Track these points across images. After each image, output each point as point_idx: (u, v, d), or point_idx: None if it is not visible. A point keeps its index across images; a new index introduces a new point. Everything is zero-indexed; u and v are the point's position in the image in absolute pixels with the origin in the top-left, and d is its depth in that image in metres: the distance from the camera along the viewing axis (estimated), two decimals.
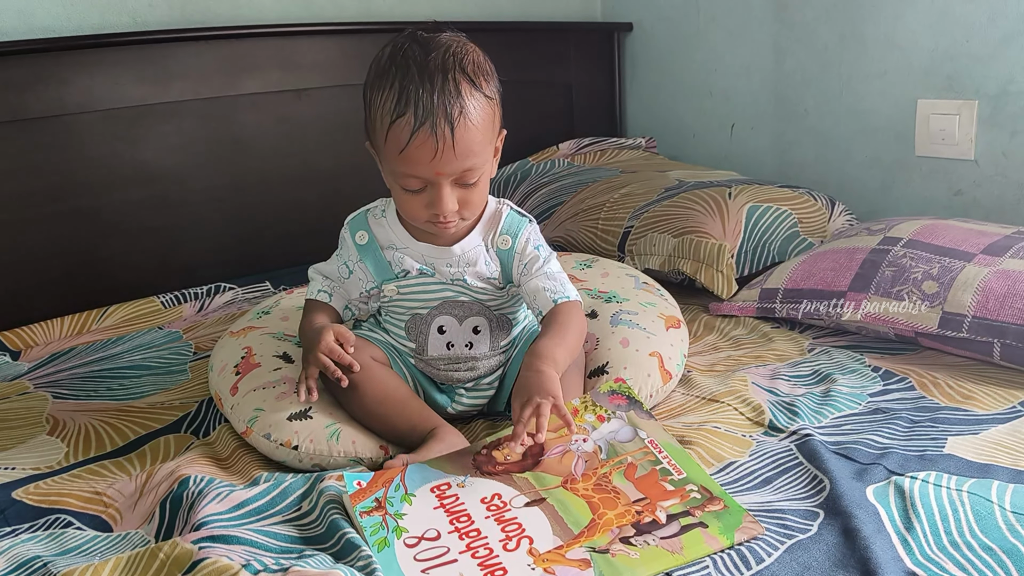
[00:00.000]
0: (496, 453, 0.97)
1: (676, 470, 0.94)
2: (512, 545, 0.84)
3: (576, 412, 1.02)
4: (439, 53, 1.01)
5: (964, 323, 1.26)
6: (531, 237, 1.14)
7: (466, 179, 1.03)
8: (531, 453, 0.97)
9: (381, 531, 0.87)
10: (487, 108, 1.04)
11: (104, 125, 1.73)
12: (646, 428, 1.01)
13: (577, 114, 2.46)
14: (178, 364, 1.46)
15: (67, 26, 1.71)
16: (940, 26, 1.80)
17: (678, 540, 0.85)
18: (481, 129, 1.02)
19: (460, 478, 0.94)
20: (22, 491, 1.07)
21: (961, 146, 1.81)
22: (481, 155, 1.03)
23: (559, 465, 0.96)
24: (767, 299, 1.49)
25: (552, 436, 0.98)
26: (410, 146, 0.98)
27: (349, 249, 1.17)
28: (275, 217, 1.96)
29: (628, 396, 1.06)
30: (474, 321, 1.15)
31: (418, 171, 1.01)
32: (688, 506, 0.89)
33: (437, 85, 0.98)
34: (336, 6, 2.06)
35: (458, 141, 0.99)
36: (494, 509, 0.90)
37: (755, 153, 2.25)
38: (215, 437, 1.19)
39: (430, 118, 0.98)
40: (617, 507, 0.89)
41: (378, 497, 0.92)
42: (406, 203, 1.06)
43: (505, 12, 2.34)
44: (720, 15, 2.25)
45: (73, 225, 1.72)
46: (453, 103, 0.99)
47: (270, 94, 1.92)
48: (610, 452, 0.97)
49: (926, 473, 0.95)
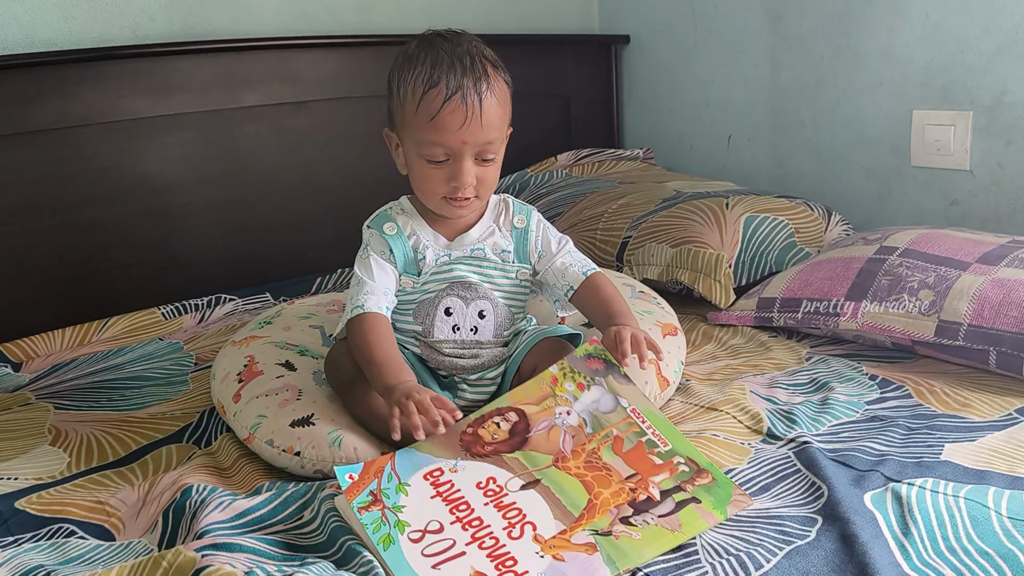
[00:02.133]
0: (482, 432, 0.98)
1: (661, 441, 0.97)
2: (516, 532, 0.86)
3: (555, 381, 1.04)
4: (464, 43, 1.13)
5: (960, 331, 1.27)
6: (541, 218, 1.25)
7: (486, 153, 1.12)
8: (517, 431, 0.98)
9: (383, 527, 0.87)
10: (506, 91, 1.14)
11: (105, 137, 1.74)
12: (626, 395, 1.03)
13: (575, 125, 2.47)
14: (179, 375, 1.47)
15: (69, 39, 1.72)
16: (935, 38, 1.82)
17: (675, 518, 0.88)
18: (502, 106, 1.13)
19: (451, 462, 0.95)
20: (25, 501, 1.07)
21: (956, 156, 1.83)
22: (500, 131, 1.13)
23: (547, 442, 0.97)
24: (765, 308, 1.50)
25: (536, 410, 1.01)
26: (441, 113, 1.07)
27: (379, 242, 1.18)
28: (275, 229, 1.97)
29: (604, 359, 1.07)
30: (480, 305, 1.19)
31: (445, 139, 1.09)
32: (678, 480, 0.92)
33: (467, 65, 1.09)
34: (335, 19, 2.07)
35: (485, 112, 1.08)
36: (491, 494, 0.91)
37: (752, 164, 2.26)
38: (217, 447, 1.20)
39: (461, 89, 1.07)
40: (611, 485, 0.91)
41: (372, 490, 0.91)
42: (426, 178, 1.13)
43: (504, 25, 2.35)
44: (716, 28, 2.27)
45: (74, 237, 1.72)
46: (481, 79, 1.09)
47: (270, 106, 1.93)
48: (595, 425, 0.99)
49: (923, 479, 0.96)
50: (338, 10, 2.08)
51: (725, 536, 0.88)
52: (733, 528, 0.90)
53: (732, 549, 0.86)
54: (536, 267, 1.23)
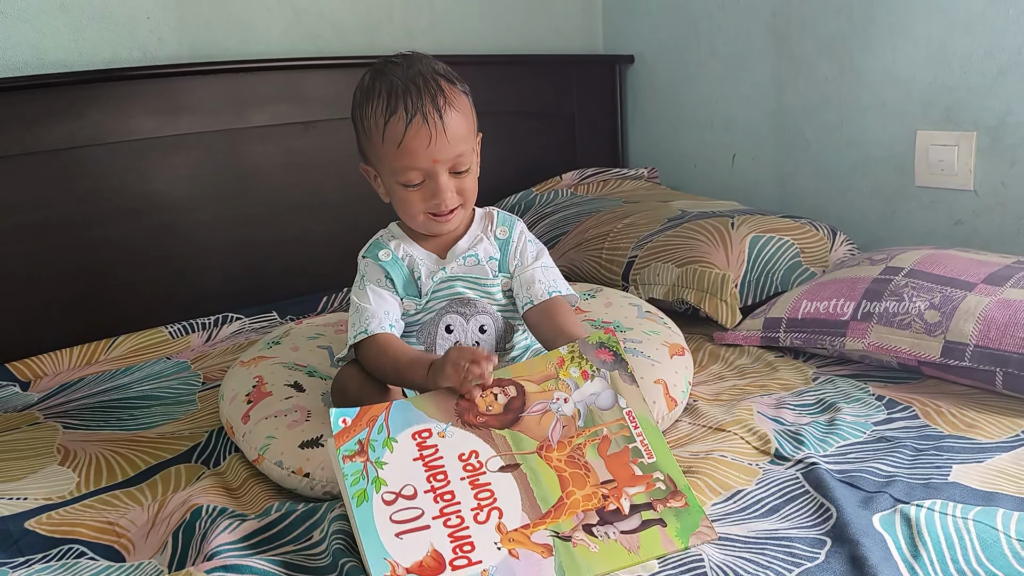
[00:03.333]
0: (479, 400, 0.98)
1: (647, 452, 0.97)
2: (483, 517, 0.88)
3: (562, 363, 1.03)
4: (415, 64, 1.14)
5: (966, 352, 1.27)
6: (524, 232, 1.24)
7: (459, 166, 1.13)
8: (512, 407, 0.98)
9: (361, 481, 0.89)
10: (465, 101, 1.15)
11: (114, 157, 1.75)
12: (627, 395, 1.01)
13: (579, 145, 2.48)
14: (187, 394, 1.47)
15: (78, 60, 1.74)
16: (938, 59, 1.83)
17: (636, 538, 0.89)
18: (464, 117, 1.14)
19: (442, 426, 0.96)
20: (35, 521, 1.08)
21: (960, 177, 1.84)
22: (468, 142, 1.14)
23: (537, 427, 0.97)
24: (771, 328, 1.51)
25: (536, 390, 1.00)
26: (406, 137, 1.09)
27: (374, 271, 1.19)
28: (282, 248, 1.97)
29: (615, 352, 1.05)
30: (480, 320, 1.20)
31: (417, 161, 1.10)
32: (652, 497, 0.92)
33: (421, 85, 1.10)
34: (342, 40, 2.09)
35: (447, 126, 1.10)
36: (470, 469, 0.92)
37: (756, 183, 2.27)
38: (226, 467, 1.20)
39: (420, 110, 1.09)
40: (585, 487, 0.92)
41: (361, 439, 0.92)
42: (407, 201, 1.15)
43: (508, 45, 2.37)
44: (720, 48, 2.28)
45: (82, 256, 1.73)
46: (437, 95, 1.10)
47: (277, 126, 1.94)
48: (588, 420, 0.99)
49: (931, 501, 0.96)
50: (345, 31, 2.10)
51: (734, 558, 0.88)
52: (742, 550, 0.90)
53: (741, 571, 0.86)
54: (512, 269, 1.23)
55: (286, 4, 2.00)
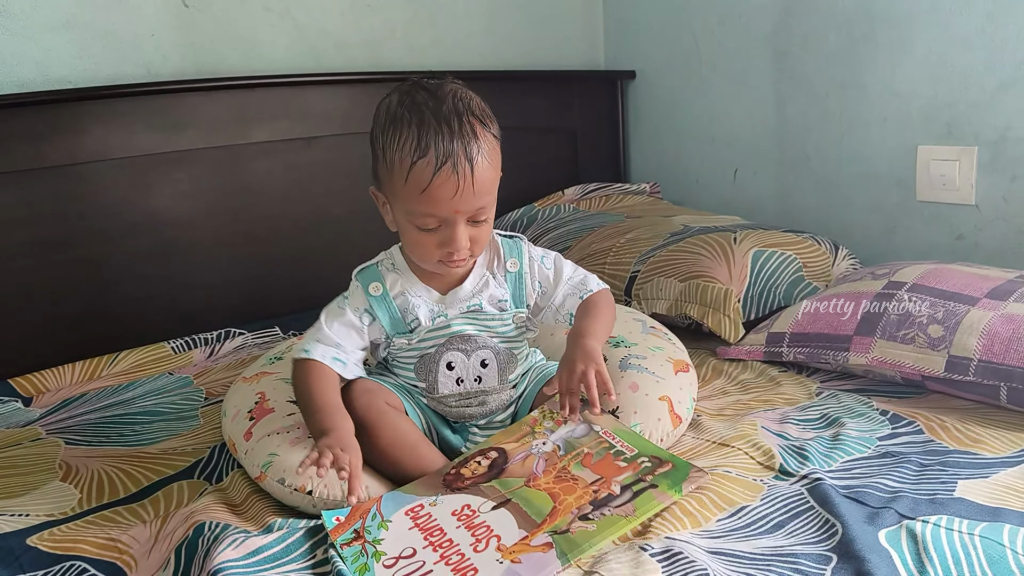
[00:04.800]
0: (464, 470, 1.01)
1: (628, 449, 1.00)
2: (482, 547, 0.89)
3: (535, 422, 1.07)
4: (450, 98, 1.07)
5: (970, 367, 1.27)
6: (532, 253, 1.21)
7: (479, 216, 1.09)
8: (496, 464, 1.01)
9: (361, 558, 0.91)
10: (496, 149, 1.10)
11: (117, 173, 1.76)
12: (600, 423, 1.06)
13: (581, 160, 2.49)
14: (189, 410, 1.47)
15: (83, 77, 1.75)
16: (938, 74, 1.84)
17: (631, 505, 0.91)
18: (493, 166, 1.09)
19: (431, 497, 0.98)
20: (36, 538, 1.07)
21: (962, 191, 1.84)
22: (492, 193, 1.10)
23: (521, 468, 1.00)
24: (774, 343, 1.51)
25: (514, 445, 1.04)
26: (432, 185, 1.03)
27: (359, 299, 1.18)
28: (284, 263, 1.98)
29: (580, 398, 1.09)
30: (481, 355, 1.18)
31: (438, 209, 1.05)
32: (641, 474, 0.96)
33: (455, 128, 1.04)
34: (345, 56, 2.10)
35: (477, 179, 1.04)
36: (464, 518, 0.94)
37: (758, 198, 2.28)
38: (228, 483, 1.20)
39: (451, 158, 1.03)
40: (576, 491, 0.95)
41: (356, 528, 0.95)
42: (419, 244, 1.10)
43: (510, 61, 2.38)
44: (721, 64, 2.29)
45: (85, 272, 1.74)
46: (471, 143, 1.04)
47: (280, 142, 1.95)
48: (567, 448, 1.02)
49: (937, 517, 0.95)
50: (347, 48, 2.11)
51: (740, 574, 0.88)
52: (748, 566, 0.89)
53: None
54: (539, 303, 1.22)
55: (289, 20, 2.01)
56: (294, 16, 2.01)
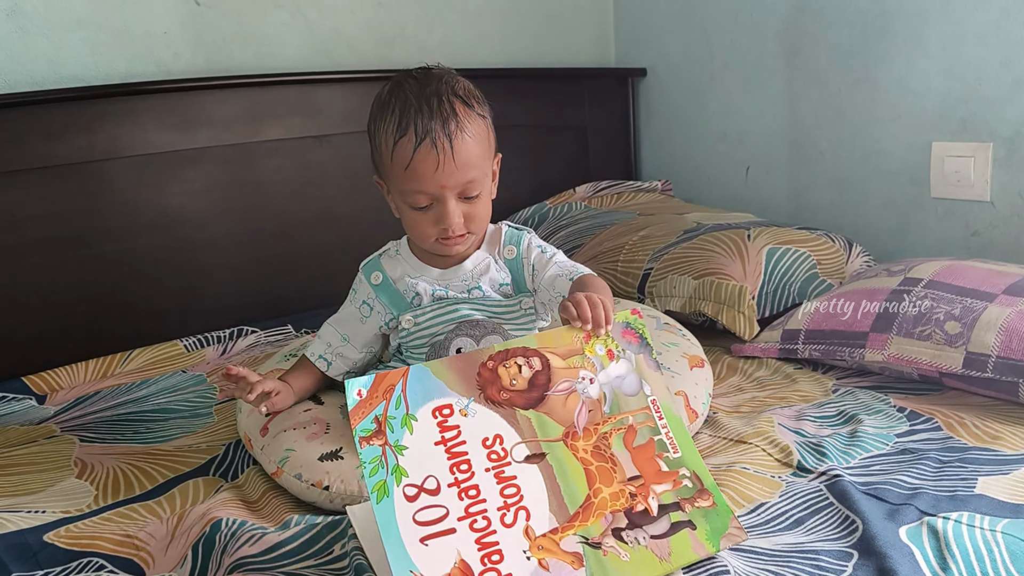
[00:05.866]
0: (502, 371, 0.93)
1: (672, 446, 0.95)
2: (509, 519, 0.84)
3: (588, 337, 0.98)
4: (433, 82, 1.12)
5: (988, 363, 1.26)
6: (532, 242, 1.23)
7: (468, 191, 1.12)
8: (537, 383, 0.93)
9: (380, 471, 0.83)
10: (481, 125, 1.13)
11: (130, 171, 1.76)
12: (651, 382, 0.98)
13: (592, 158, 2.49)
14: (203, 407, 1.47)
15: (96, 75, 1.75)
16: (953, 70, 1.83)
17: (667, 543, 0.87)
18: (478, 142, 1.11)
19: (464, 401, 0.90)
20: (53, 534, 1.07)
21: (977, 188, 1.83)
22: (480, 167, 1.12)
23: (563, 409, 0.93)
24: (789, 340, 1.50)
25: (561, 365, 0.95)
26: (414, 161, 1.08)
27: (365, 288, 1.24)
28: (297, 261, 1.98)
29: (641, 336, 1.01)
30: (491, 340, 1.19)
31: (424, 185, 1.10)
32: (680, 496, 0.91)
33: (434, 107, 1.08)
34: (356, 55, 2.10)
35: (457, 152, 1.08)
36: (495, 459, 0.87)
37: (770, 196, 2.27)
38: (244, 479, 1.20)
39: (430, 133, 1.07)
40: (612, 484, 0.90)
41: (378, 415, 0.86)
42: (415, 223, 1.15)
43: (521, 59, 2.38)
44: (733, 61, 2.28)
45: (98, 269, 1.74)
46: (449, 119, 1.08)
47: (292, 140, 1.95)
48: (613, 405, 0.95)
49: (958, 513, 0.95)
50: (358, 46, 2.10)
51: (760, 570, 0.87)
52: (768, 562, 0.89)
53: None
54: (532, 284, 1.22)
55: (300, 19, 2.01)
56: (305, 14, 2.01)
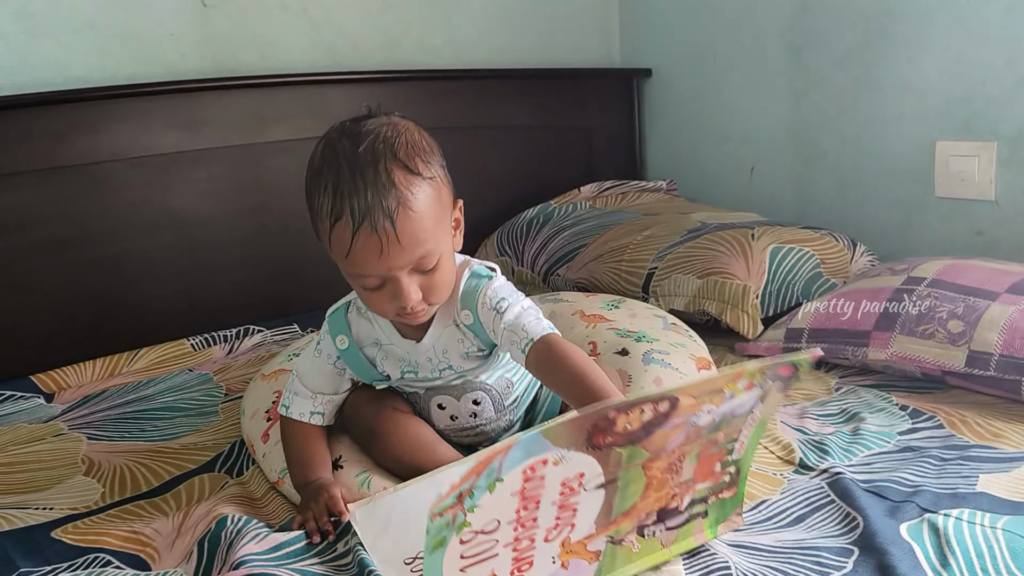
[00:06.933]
0: (620, 419, 0.78)
1: (739, 448, 0.89)
2: (554, 534, 0.79)
3: (738, 377, 0.83)
4: (368, 143, 0.95)
5: (991, 362, 1.26)
6: (487, 300, 1.04)
7: (423, 266, 0.98)
8: (654, 421, 0.80)
9: (444, 531, 0.72)
10: (429, 190, 0.96)
11: (136, 172, 1.77)
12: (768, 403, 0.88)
13: (597, 158, 2.49)
14: (209, 406, 1.48)
15: (103, 76, 1.76)
16: (956, 70, 1.83)
17: (675, 532, 0.88)
18: (426, 214, 0.95)
19: (561, 452, 0.77)
20: (61, 531, 1.08)
21: (981, 187, 1.83)
22: (432, 239, 0.97)
23: (664, 438, 0.82)
24: (793, 339, 1.50)
25: (690, 403, 0.81)
26: (354, 248, 0.93)
27: (329, 347, 1.13)
28: (302, 261, 1.98)
29: (796, 369, 0.87)
30: (472, 395, 1.12)
31: (369, 270, 0.96)
32: (714, 490, 0.91)
33: (369, 179, 0.93)
34: (361, 55, 2.11)
35: (401, 233, 0.93)
36: (567, 492, 0.79)
37: (774, 195, 2.27)
38: (249, 477, 1.21)
39: (368, 216, 0.92)
40: (665, 487, 0.84)
41: (463, 491, 0.72)
42: (370, 301, 1.02)
43: (525, 59, 2.39)
44: (737, 61, 2.29)
45: (105, 269, 1.75)
46: (389, 195, 0.93)
47: (297, 141, 1.96)
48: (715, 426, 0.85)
49: (959, 511, 0.95)
50: (364, 47, 2.11)
51: (761, 567, 0.88)
52: (769, 559, 0.90)
53: None
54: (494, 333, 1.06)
55: (305, 20, 2.02)
56: (310, 15, 2.02)
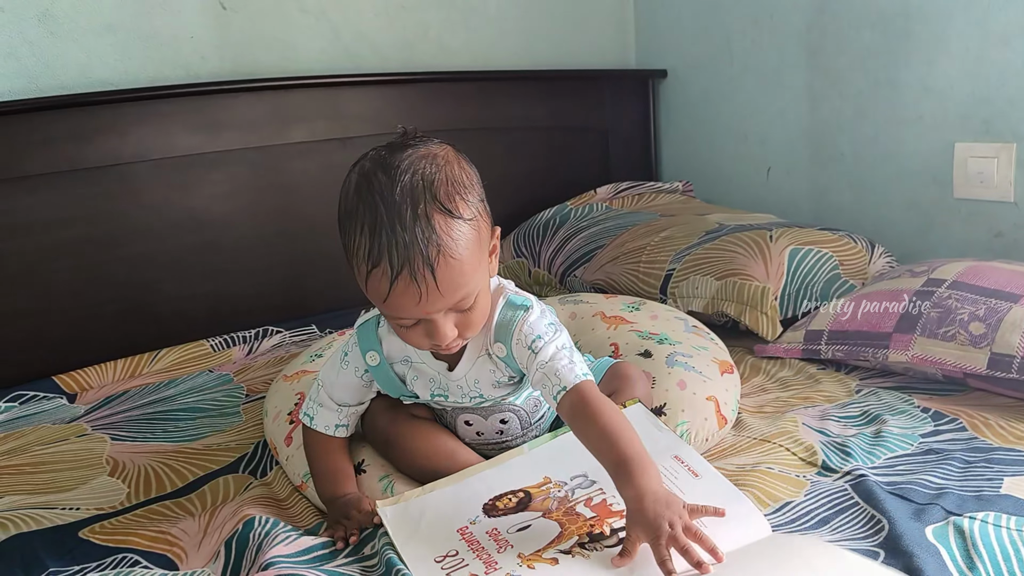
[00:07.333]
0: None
1: None
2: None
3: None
4: (407, 181, 0.91)
5: (1013, 364, 1.26)
6: (523, 337, 1.02)
7: (460, 307, 0.96)
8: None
9: None
10: (469, 233, 0.93)
11: (157, 174, 1.78)
12: None
13: (613, 159, 2.49)
14: (231, 406, 1.49)
15: (124, 79, 1.77)
16: (975, 71, 1.83)
17: None
18: (466, 259, 0.92)
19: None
20: (88, 531, 1.10)
21: (1000, 188, 1.83)
22: (471, 282, 0.94)
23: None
24: (812, 341, 1.50)
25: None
26: (392, 295, 0.91)
27: (358, 360, 1.10)
28: (320, 262, 1.99)
29: None
30: (500, 415, 1.12)
31: (406, 314, 0.94)
32: None
33: (408, 225, 0.89)
34: (379, 57, 2.12)
35: (441, 281, 0.90)
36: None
37: (791, 197, 2.27)
38: (273, 478, 1.22)
39: (407, 265, 0.89)
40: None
41: None
42: (405, 336, 0.99)
43: (542, 61, 2.39)
44: (753, 62, 2.29)
45: (126, 270, 1.76)
46: (430, 243, 0.89)
47: (316, 143, 1.97)
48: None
49: (984, 513, 0.95)
50: (382, 49, 2.12)
51: None
52: None
53: None
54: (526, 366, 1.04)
55: (324, 22, 2.03)
56: (329, 18, 2.03)
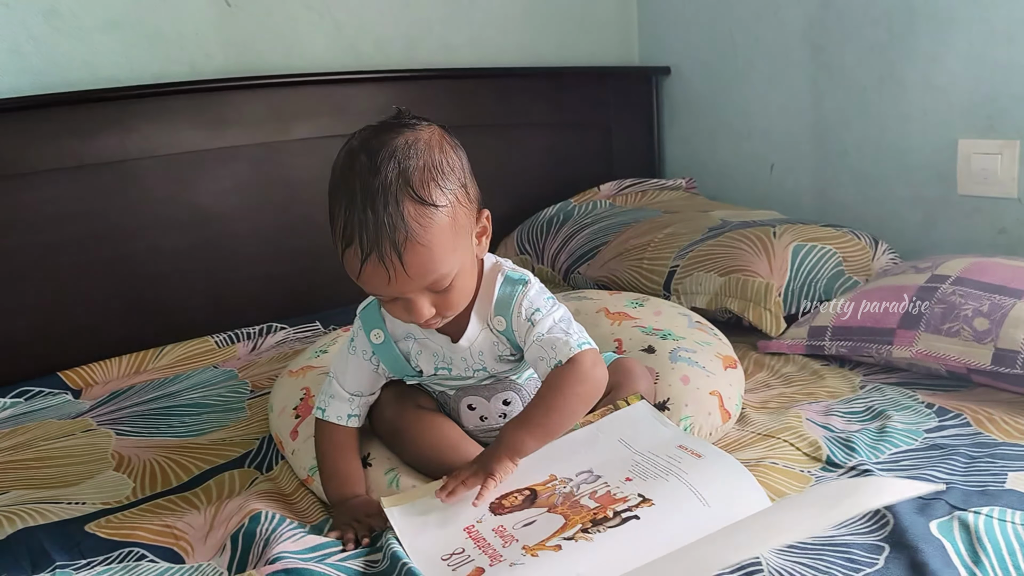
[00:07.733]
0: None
1: None
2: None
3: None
4: (385, 167, 0.94)
5: (1018, 360, 1.26)
6: (523, 309, 1.05)
7: (435, 288, 0.98)
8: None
9: None
10: (442, 219, 0.96)
11: (162, 170, 1.78)
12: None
13: (616, 156, 2.50)
14: (236, 402, 1.49)
15: (129, 76, 1.78)
16: (979, 67, 1.83)
17: None
18: (436, 245, 0.95)
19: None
20: (94, 525, 1.10)
21: (1004, 185, 1.83)
22: (444, 266, 0.96)
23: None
24: (816, 337, 1.50)
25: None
26: (363, 273, 0.95)
27: (364, 343, 1.13)
28: (325, 258, 1.97)
29: None
30: (503, 395, 1.14)
31: (380, 293, 0.99)
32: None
33: (379, 211, 0.92)
34: (383, 54, 2.12)
35: (409, 266, 0.93)
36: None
37: (795, 193, 2.27)
38: (278, 472, 1.22)
39: (375, 248, 0.92)
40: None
41: None
42: (388, 309, 1.03)
43: (545, 57, 2.39)
44: (757, 59, 2.29)
45: (131, 266, 1.76)
46: (397, 230, 0.92)
47: (320, 139, 1.97)
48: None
49: (989, 508, 0.95)
50: (385, 46, 2.12)
51: (792, 563, 0.88)
52: (800, 555, 0.90)
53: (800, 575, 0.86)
54: None
55: (328, 19, 2.03)
56: (334, 15, 2.04)
